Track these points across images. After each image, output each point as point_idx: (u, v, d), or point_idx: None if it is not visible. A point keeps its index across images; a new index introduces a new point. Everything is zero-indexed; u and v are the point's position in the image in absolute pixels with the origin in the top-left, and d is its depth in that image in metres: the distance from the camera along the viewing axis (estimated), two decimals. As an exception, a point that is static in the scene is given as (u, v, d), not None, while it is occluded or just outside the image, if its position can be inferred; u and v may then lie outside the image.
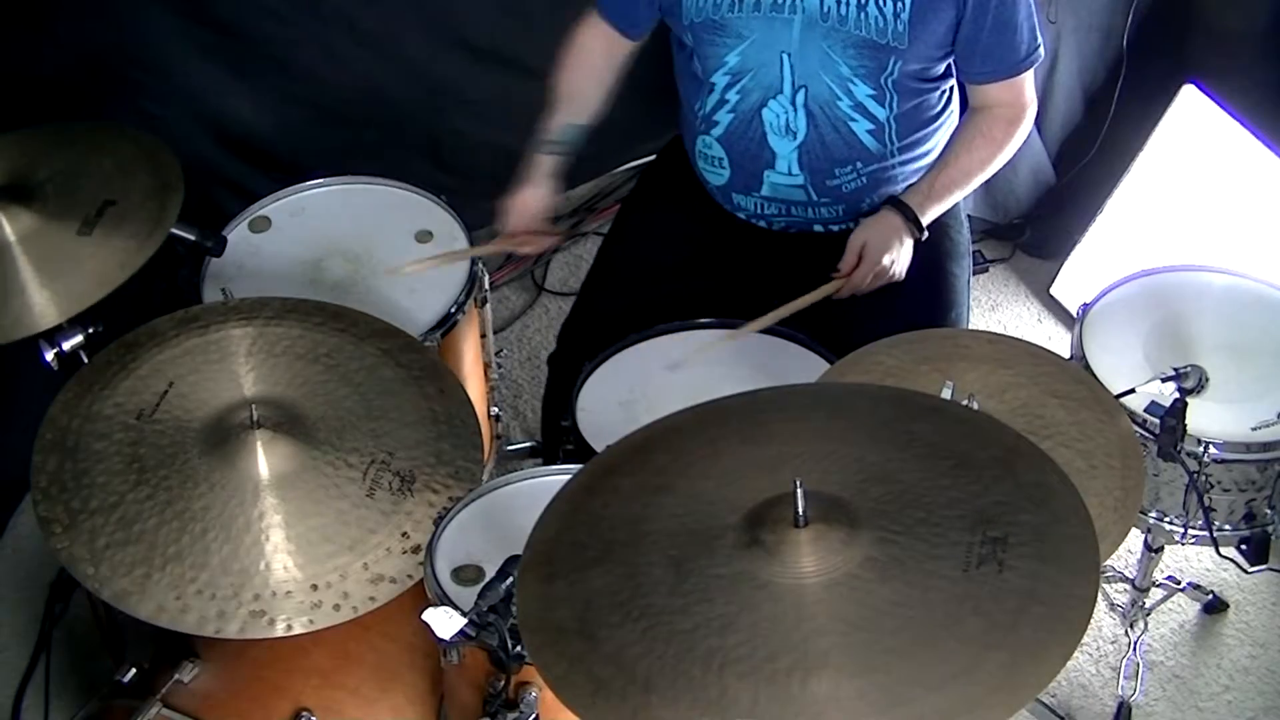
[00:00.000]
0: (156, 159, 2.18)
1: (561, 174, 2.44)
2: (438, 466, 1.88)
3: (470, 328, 2.43)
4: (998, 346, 2.05)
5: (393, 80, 3.19)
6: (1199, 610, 2.70)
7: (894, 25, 2.19)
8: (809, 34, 2.23)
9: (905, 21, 2.20)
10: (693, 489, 1.57)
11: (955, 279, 2.41)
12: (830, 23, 2.21)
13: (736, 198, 2.43)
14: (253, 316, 2.03)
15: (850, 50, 2.23)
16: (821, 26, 2.22)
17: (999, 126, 2.36)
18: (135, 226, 2.08)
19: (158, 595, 1.73)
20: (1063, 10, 3.11)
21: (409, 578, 1.78)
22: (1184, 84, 2.96)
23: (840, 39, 2.22)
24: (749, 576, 1.44)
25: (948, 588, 1.40)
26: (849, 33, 2.21)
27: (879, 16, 2.19)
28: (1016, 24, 2.27)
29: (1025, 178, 3.34)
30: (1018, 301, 3.34)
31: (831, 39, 2.22)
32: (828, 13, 2.20)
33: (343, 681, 1.98)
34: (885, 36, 2.20)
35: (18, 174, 2.15)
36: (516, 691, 1.69)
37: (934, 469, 1.54)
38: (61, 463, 1.84)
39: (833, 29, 2.21)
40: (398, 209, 2.51)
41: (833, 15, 2.20)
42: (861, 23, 2.20)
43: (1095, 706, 2.55)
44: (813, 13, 2.21)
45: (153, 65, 2.95)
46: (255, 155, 3.14)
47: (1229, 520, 2.22)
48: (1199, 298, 2.34)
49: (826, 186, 2.36)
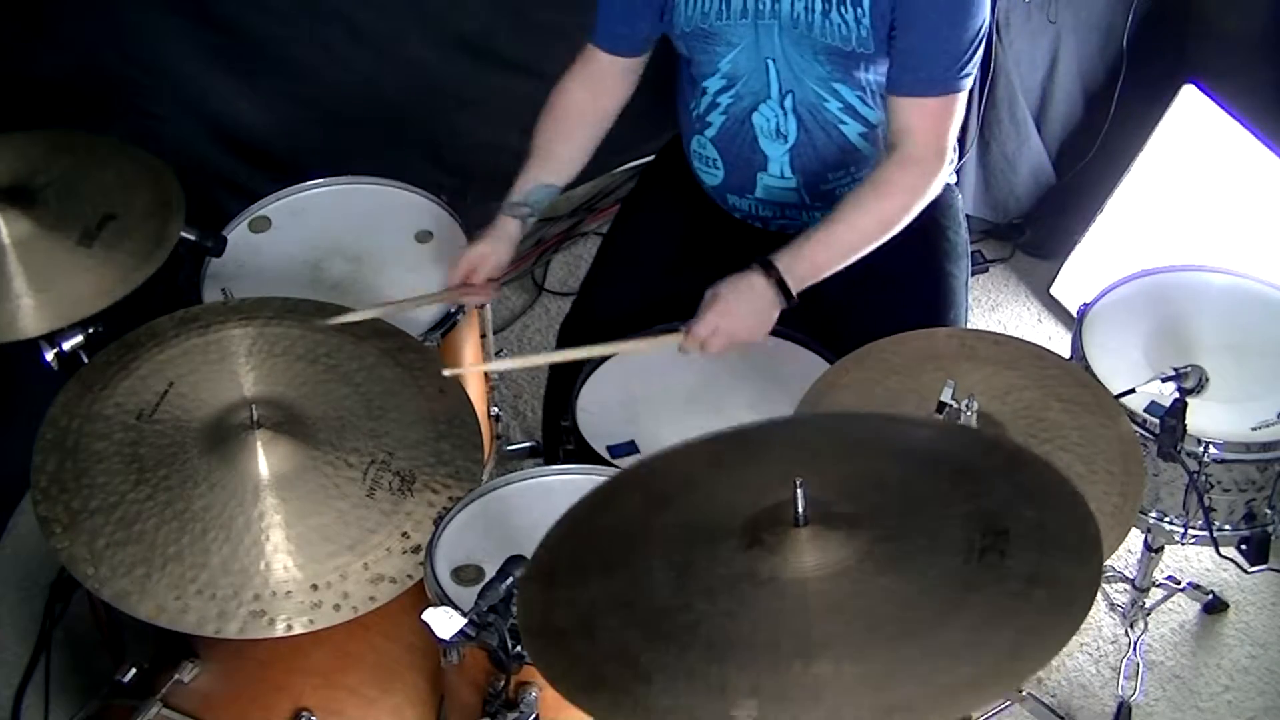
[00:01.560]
0: (158, 176, 2.18)
1: (522, 237, 2.34)
2: (438, 466, 1.88)
3: (470, 328, 2.43)
4: (1003, 348, 2.05)
5: (393, 80, 3.19)
6: (1199, 610, 2.70)
7: (857, 31, 2.17)
8: (785, 40, 2.22)
9: (867, 27, 2.16)
10: (694, 498, 1.57)
11: (954, 279, 2.41)
12: (799, 29, 2.20)
13: (731, 199, 2.43)
14: (253, 316, 2.04)
15: (822, 56, 2.22)
16: (793, 33, 2.21)
17: (899, 173, 2.17)
18: (135, 244, 2.08)
19: (158, 595, 1.73)
20: (1063, 10, 3.11)
21: (409, 578, 1.78)
22: (1184, 84, 2.96)
23: (810, 45, 2.21)
24: (750, 575, 1.44)
25: (949, 576, 1.41)
26: (815, 39, 2.20)
27: (842, 23, 2.17)
28: (956, 36, 2.15)
29: (1025, 178, 3.34)
30: (1018, 301, 3.34)
31: (802, 45, 2.21)
32: (797, 19, 2.19)
33: (343, 681, 1.98)
34: (850, 43, 2.18)
35: (16, 178, 2.14)
36: (516, 691, 1.69)
37: (934, 476, 1.54)
38: (61, 463, 1.84)
39: (802, 35, 2.20)
40: (398, 209, 2.51)
41: (801, 22, 2.19)
42: (826, 29, 2.18)
43: (1095, 706, 2.55)
44: (785, 19, 2.20)
45: (153, 65, 2.95)
46: (255, 155, 3.14)
47: (1229, 520, 2.22)
48: (1199, 298, 2.34)
49: (820, 190, 2.35)
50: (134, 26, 2.91)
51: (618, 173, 3.47)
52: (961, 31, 2.14)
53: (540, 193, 2.35)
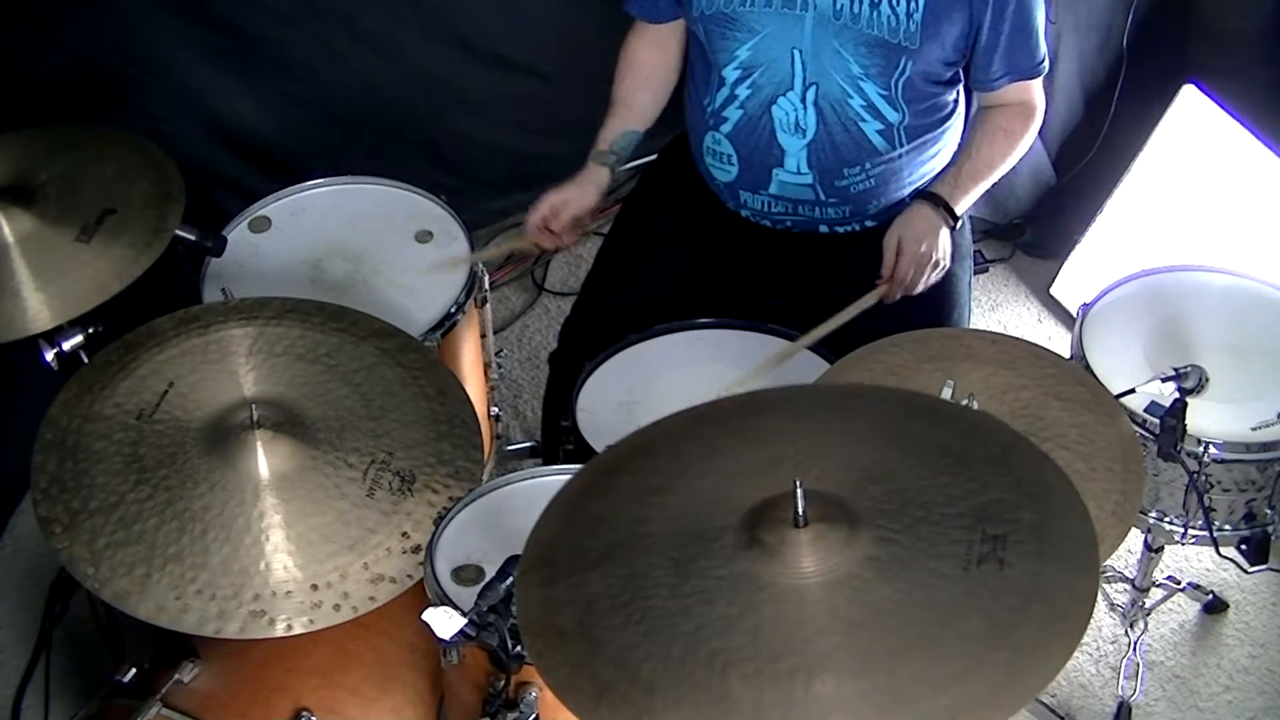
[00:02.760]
0: (159, 168, 2.18)
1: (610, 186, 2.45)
2: (438, 466, 1.88)
3: (470, 328, 2.43)
4: (1001, 347, 2.05)
5: (393, 80, 3.19)
6: (1199, 610, 2.70)
7: (906, 25, 2.20)
8: (821, 31, 2.23)
9: (918, 22, 2.20)
10: (691, 490, 1.57)
11: (956, 279, 2.41)
12: (843, 20, 2.21)
13: (744, 195, 2.43)
14: (253, 316, 2.03)
15: (862, 49, 2.23)
16: (834, 24, 2.22)
17: (1015, 120, 2.37)
18: (133, 236, 2.08)
19: (158, 595, 1.72)
20: (1063, 10, 3.11)
21: (409, 578, 1.78)
22: (1184, 84, 2.96)
23: (852, 37, 2.22)
24: (750, 578, 1.43)
25: (949, 586, 1.40)
26: (861, 31, 2.21)
27: (891, 15, 2.20)
28: (1034, 28, 2.29)
29: (1025, 178, 3.34)
30: (1018, 301, 3.34)
31: (843, 37, 2.23)
32: (840, 10, 2.21)
33: (343, 681, 1.98)
34: (897, 36, 2.20)
35: (18, 175, 2.15)
36: (516, 691, 1.69)
37: (932, 467, 1.54)
38: (61, 463, 1.84)
39: (845, 26, 2.21)
40: (398, 209, 2.51)
41: (845, 13, 2.20)
42: (874, 21, 2.20)
43: (1095, 706, 2.55)
44: (825, 10, 2.22)
45: (152, 65, 2.95)
46: (255, 155, 3.14)
47: (1229, 520, 2.22)
48: (1199, 298, 2.34)
49: (835, 187, 2.36)
50: (134, 26, 2.91)
51: (620, 172, 3.46)
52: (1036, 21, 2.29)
53: (626, 138, 2.45)
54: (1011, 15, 2.25)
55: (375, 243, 2.44)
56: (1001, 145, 2.37)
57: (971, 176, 2.36)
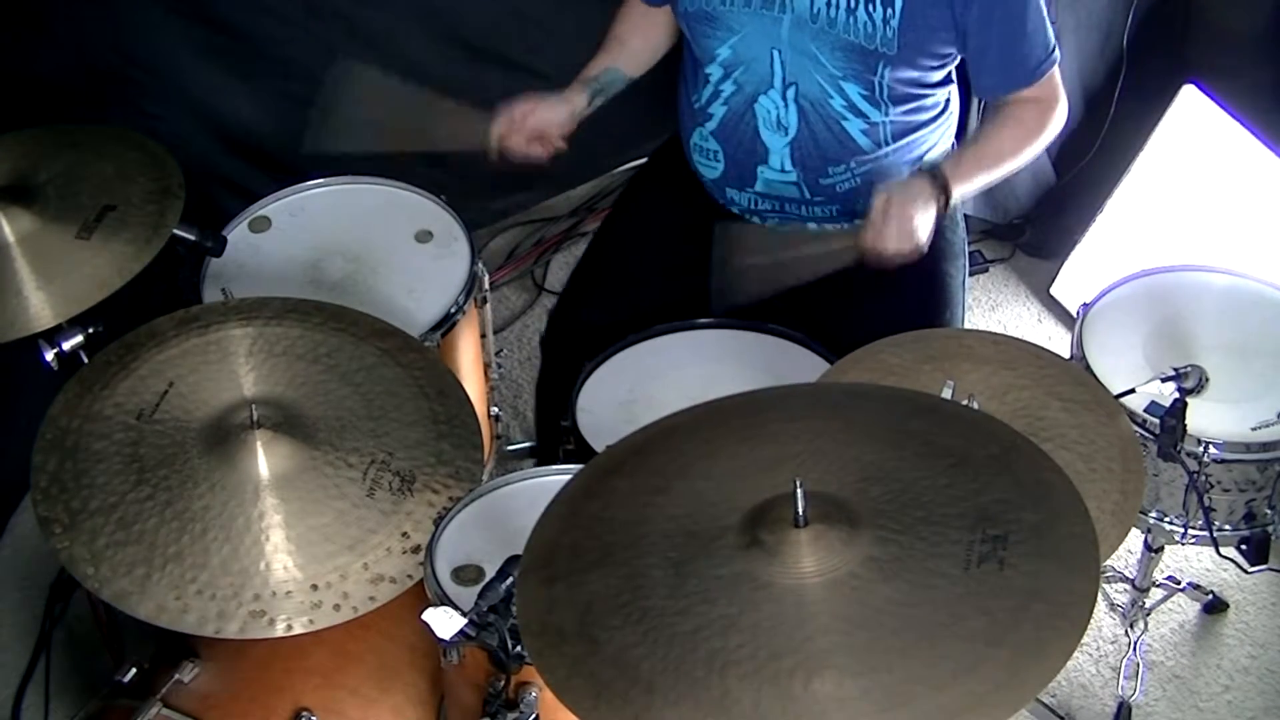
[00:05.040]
0: (160, 165, 2.18)
1: (585, 115, 2.40)
2: (438, 466, 1.88)
3: (470, 328, 2.43)
4: (1001, 347, 2.05)
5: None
6: (1199, 610, 2.70)
7: (883, 31, 2.18)
8: (798, 34, 2.23)
9: (894, 28, 2.19)
10: (691, 490, 1.57)
11: (950, 279, 2.41)
12: (819, 24, 2.20)
13: (730, 192, 2.43)
14: (253, 316, 2.03)
15: (839, 53, 2.23)
16: (810, 27, 2.21)
17: (1029, 112, 2.32)
18: (134, 231, 2.08)
19: (158, 595, 1.72)
20: (1063, 10, 3.11)
21: (409, 578, 1.78)
22: (1184, 84, 2.96)
23: (829, 41, 2.22)
24: (749, 577, 1.43)
25: (949, 586, 1.40)
26: (837, 35, 2.21)
27: (868, 22, 2.19)
28: (1025, 34, 2.25)
29: (1025, 178, 3.34)
30: (1018, 301, 3.34)
31: (820, 40, 2.22)
32: (817, 14, 2.20)
33: (343, 681, 1.98)
34: (873, 42, 2.20)
35: (19, 175, 2.15)
36: (516, 691, 1.69)
37: (932, 467, 1.54)
38: (61, 463, 1.84)
39: (821, 30, 2.21)
40: (398, 209, 2.51)
41: (822, 17, 2.20)
42: (850, 26, 2.19)
43: (1095, 706, 2.55)
44: (802, 13, 2.21)
45: (152, 65, 2.95)
46: (255, 155, 3.13)
47: (1229, 520, 2.22)
48: (1199, 298, 2.34)
49: (820, 185, 2.36)
50: (134, 26, 2.91)
51: (617, 173, 3.47)
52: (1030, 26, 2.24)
53: (611, 75, 2.43)
54: (998, 26, 2.21)
55: (375, 243, 2.44)
56: (1012, 137, 2.31)
57: (975, 163, 2.30)
